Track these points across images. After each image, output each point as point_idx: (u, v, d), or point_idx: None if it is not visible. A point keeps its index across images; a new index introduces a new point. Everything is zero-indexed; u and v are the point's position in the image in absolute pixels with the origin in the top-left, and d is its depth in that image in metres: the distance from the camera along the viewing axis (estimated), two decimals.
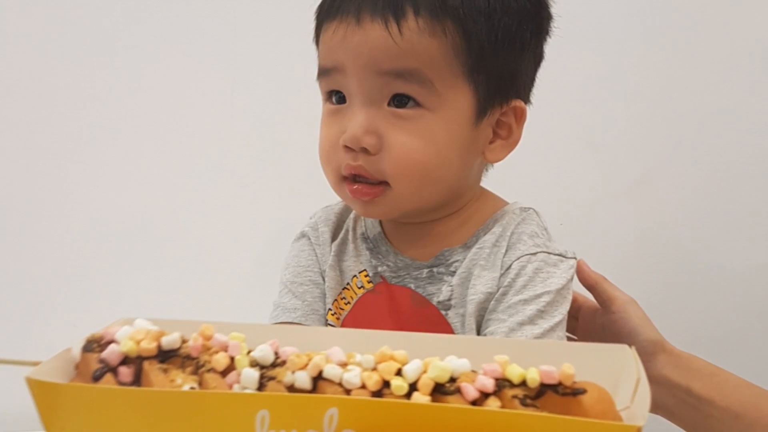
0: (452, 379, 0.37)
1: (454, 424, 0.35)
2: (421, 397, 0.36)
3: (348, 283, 0.63)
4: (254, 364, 0.39)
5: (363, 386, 0.37)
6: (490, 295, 0.57)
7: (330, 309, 0.63)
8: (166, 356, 0.40)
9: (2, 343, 0.92)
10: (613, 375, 0.40)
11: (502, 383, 0.37)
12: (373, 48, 0.53)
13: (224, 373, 0.39)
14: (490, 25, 0.54)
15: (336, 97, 0.57)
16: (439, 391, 0.37)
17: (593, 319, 0.71)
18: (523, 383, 0.36)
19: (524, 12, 0.56)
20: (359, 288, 0.63)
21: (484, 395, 0.36)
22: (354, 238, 0.65)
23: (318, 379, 0.38)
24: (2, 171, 0.95)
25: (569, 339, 0.69)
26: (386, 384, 0.37)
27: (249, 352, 0.40)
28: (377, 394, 0.37)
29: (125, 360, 0.40)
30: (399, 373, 0.37)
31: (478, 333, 0.57)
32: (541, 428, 0.34)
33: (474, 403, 0.36)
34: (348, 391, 0.37)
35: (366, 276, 0.63)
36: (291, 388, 0.38)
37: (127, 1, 0.93)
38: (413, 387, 0.37)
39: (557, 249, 0.59)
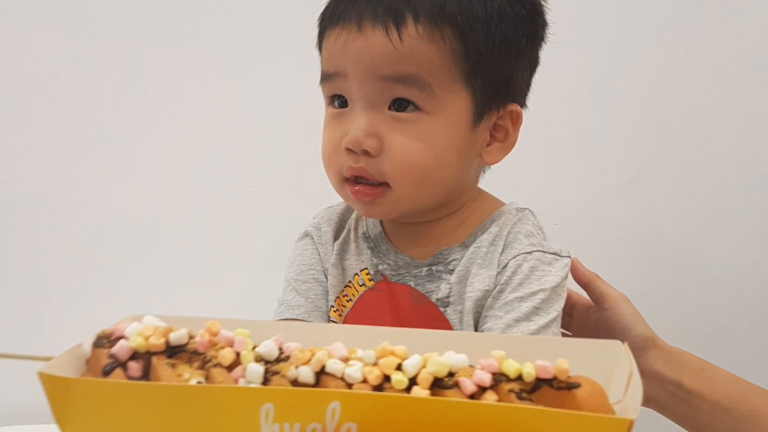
0: (451, 374, 0.38)
1: (452, 417, 0.36)
2: (420, 391, 0.37)
3: (350, 281, 0.64)
4: (259, 359, 0.40)
5: (364, 380, 0.38)
6: (488, 293, 0.58)
7: (332, 306, 0.64)
8: (173, 352, 0.41)
9: (15, 339, 0.93)
10: (606, 370, 0.41)
11: (499, 378, 0.37)
12: (374, 54, 0.54)
13: (230, 368, 0.40)
14: (487, 31, 0.55)
15: (338, 101, 0.58)
16: (438, 385, 0.38)
17: (587, 316, 0.72)
18: (519, 378, 0.37)
19: (520, 19, 0.57)
20: (361, 286, 0.63)
21: (482, 389, 0.37)
22: (356, 238, 0.65)
23: (321, 373, 0.39)
24: (16, 172, 0.95)
25: (564, 335, 0.70)
26: (387, 378, 0.38)
27: (254, 347, 0.41)
28: (378, 388, 0.38)
29: (134, 355, 0.40)
30: (399, 368, 0.38)
31: (476, 329, 0.58)
32: (537, 421, 0.35)
33: (472, 396, 0.37)
34: (350, 386, 0.38)
35: (367, 274, 0.64)
36: (294, 383, 0.39)
37: (138, 10, 0.94)
38: (413, 381, 0.38)
39: (552, 248, 0.60)
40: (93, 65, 0.95)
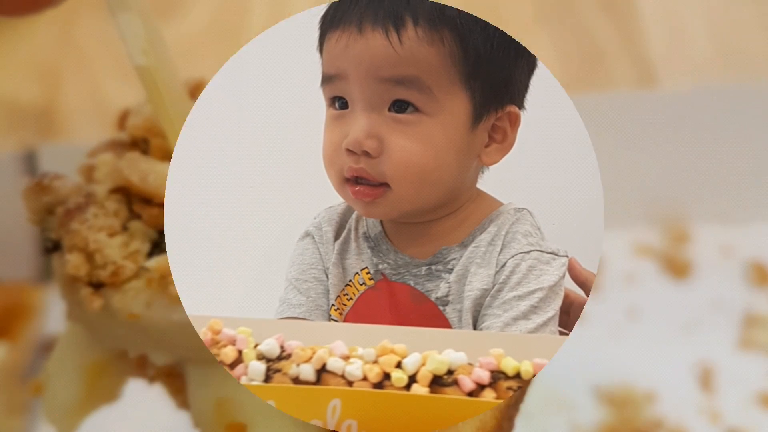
0: (450, 372, 0.38)
1: (451, 414, 0.36)
2: (420, 389, 0.38)
3: (350, 280, 0.64)
4: (261, 357, 0.41)
5: (365, 378, 0.39)
6: (486, 292, 0.58)
7: (333, 305, 0.64)
8: None
9: None
10: None
11: (498, 375, 0.38)
12: (374, 56, 0.54)
13: (232, 366, 0.41)
14: (486, 34, 0.55)
15: (339, 102, 0.59)
16: (437, 382, 0.38)
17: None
18: (518, 375, 0.38)
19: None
20: (361, 285, 0.64)
21: (480, 387, 0.38)
22: (356, 237, 0.65)
23: (322, 371, 0.39)
24: None
25: (561, 333, 0.71)
26: (387, 376, 0.38)
27: (256, 345, 0.41)
28: (378, 385, 0.38)
29: None
30: (399, 365, 0.39)
31: (475, 328, 0.58)
32: None
33: (470, 394, 0.37)
34: (350, 383, 0.39)
35: (368, 273, 0.64)
36: (296, 380, 0.39)
37: None
38: (413, 379, 0.38)
39: (550, 247, 0.60)
40: None
